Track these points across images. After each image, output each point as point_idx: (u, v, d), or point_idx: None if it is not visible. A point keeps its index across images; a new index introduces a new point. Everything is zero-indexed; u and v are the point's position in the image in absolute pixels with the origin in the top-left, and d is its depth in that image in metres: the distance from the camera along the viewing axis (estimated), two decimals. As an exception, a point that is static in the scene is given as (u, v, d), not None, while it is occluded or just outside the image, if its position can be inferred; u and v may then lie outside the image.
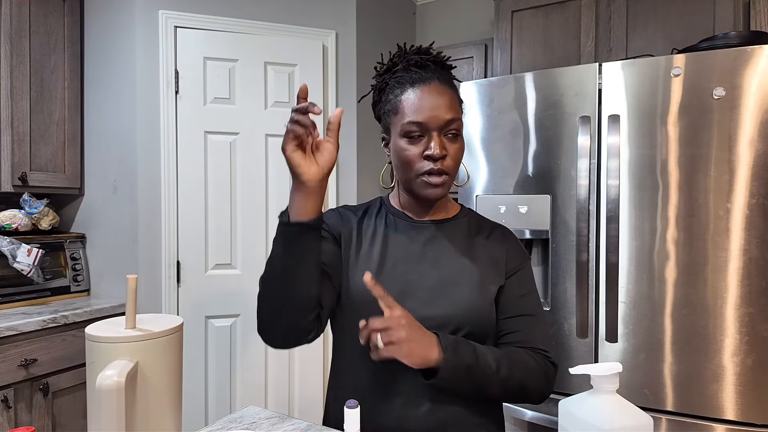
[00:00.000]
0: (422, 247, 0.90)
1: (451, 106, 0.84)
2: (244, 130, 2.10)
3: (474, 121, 1.67)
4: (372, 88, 0.95)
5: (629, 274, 1.43)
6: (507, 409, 1.58)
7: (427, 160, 0.83)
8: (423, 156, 0.83)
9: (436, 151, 0.82)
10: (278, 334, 0.81)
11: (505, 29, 2.13)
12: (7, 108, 1.93)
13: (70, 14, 2.14)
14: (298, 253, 0.76)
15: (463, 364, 0.78)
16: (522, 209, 1.58)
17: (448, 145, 0.84)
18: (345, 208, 0.98)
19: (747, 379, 1.29)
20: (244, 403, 2.10)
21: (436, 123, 0.83)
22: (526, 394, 0.84)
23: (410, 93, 0.85)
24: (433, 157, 0.82)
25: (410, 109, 0.83)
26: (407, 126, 0.83)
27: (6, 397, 1.64)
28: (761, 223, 1.28)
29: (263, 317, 0.81)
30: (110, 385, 0.64)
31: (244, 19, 2.11)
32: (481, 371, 0.79)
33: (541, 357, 0.87)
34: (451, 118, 0.83)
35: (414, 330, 0.75)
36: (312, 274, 0.78)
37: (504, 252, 0.92)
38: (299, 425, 0.88)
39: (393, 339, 0.72)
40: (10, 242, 1.90)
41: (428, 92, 0.84)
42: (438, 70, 0.88)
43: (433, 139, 0.83)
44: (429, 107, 0.83)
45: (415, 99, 0.84)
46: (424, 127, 0.83)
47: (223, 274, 2.08)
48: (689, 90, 1.36)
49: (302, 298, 0.78)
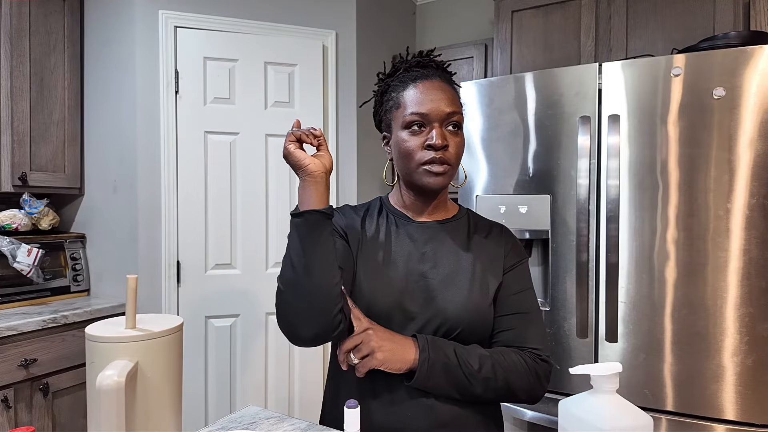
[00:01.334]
0: (422, 247, 0.90)
1: (452, 101, 0.86)
2: (244, 130, 2.10)
3: (474, 121, 1.67)
4: (374, 94, 0.97)
5: (629, 274, 1.43)
6: (507, 409, 1.58)
7: (428, 150, 0.85)
8: (425, 146, 0.85)
9: (438, 141, 0.83)
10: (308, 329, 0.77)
11: (505, 29, 2.13)
12: (7, 108, 1.93)
13: (70, 14, 2.14)
14: (317, 241, 0.76)
15: (441, 362, 0.79)
16: (522, 209, 1.58)
17: (449, 137, 0.86)
18: (347, 207, 0.99)
19: (747, 379, 1.29)
20: (244, 403, 2.10)
21: (438, 114, 0.85)
22: (513, 394, 0.83)
23: (412, 88, 0.87)
24: (434, 146, 0.84)
25: (412, 102, 0.86)
26: (409, 117, 0.85)
27: (6, 397, 1.64)
28: (761, 223, 1.28)
29: (289, 316, 0.78)
30: (110, 385, 0.64)
31: (244, 19, 2.11)
32: (462, 370, 0.79)
33: (530, 356, 0.85)
34: (452, 110, 0.85)
35: (384, 337, 0.78)
36: (332, 262, 0.77)
37: (502, 250, 0.92)
38: (299, 425, 0.88)
39: (365, 352, 0.77)
40: (10, 242, 1.90)
41: (430, 86, 0.86)
42: (439, 71, 0.91)
43: (434, 129, 0.84)
44: (431, 99, 0.85)
45: (417, 93, 0.86)
46: (426, 118, 0.85)
47: (223, 274, 2.08)
48: (689, 90, 1.36)
49: (327, 286, 0.76)
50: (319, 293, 0.76)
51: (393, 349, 0.77)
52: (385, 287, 0.86)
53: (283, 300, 0.78)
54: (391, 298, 0.85)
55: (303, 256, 0.76)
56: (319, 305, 0.76)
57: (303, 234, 0.76)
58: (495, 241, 0.93)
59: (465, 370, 0.80)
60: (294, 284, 0.76)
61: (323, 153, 0.80)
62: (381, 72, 0.97)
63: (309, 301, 0.76)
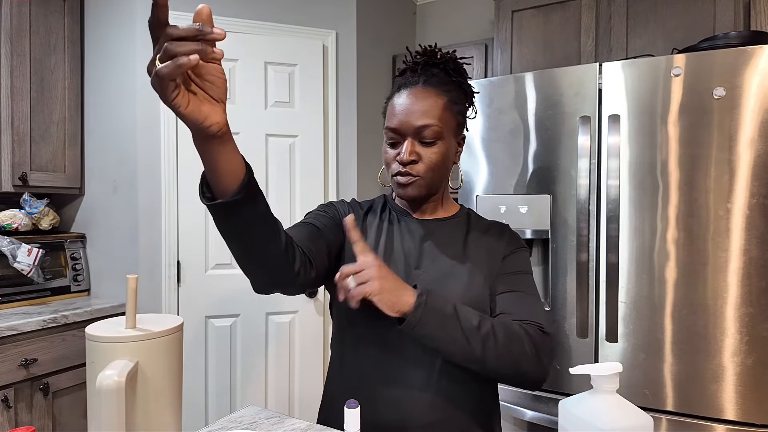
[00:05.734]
0: (421, 243, 0.91)
1: (426, 112, 0.84)
2: (244, 129, 2.10)
3: (474, 121, 1.67)
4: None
5: (629, 274, 1.43)
6: (507, 409, 1.58)
7: (398, 164, 0.87)
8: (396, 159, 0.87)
9: (404, 157, 0.85)
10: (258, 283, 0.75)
11: (505, 29, 2.13)
12: (7, 108, 1.93)
13: (71, 14, 2.14)
14: (242, 230, 0.66)
15: (438, 310, 0.75)
16: (522, 209, 1.58)
17: (421, 150, 0.86)
18: (354, 202, 1.01)
19: (747, 379, 1.29)
20: (244, 403, 2.10)
21: (408, 129, 0.85)
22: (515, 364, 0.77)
23: (395, 98, 0.88)
24: (401, 162, 0.85)
25: (390, 115, 0.87)
26: (386, 131, 0.88)
27: (6, 397, 1.64)
28: (761, 223, 1.28)
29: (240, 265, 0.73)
30: (110, 385, 0.64)
31: (244, 19, 2.11)
32: (460, 324, 0.75)
33: (532, 327, 0.81)
34: (423, 124, 0.84)
35: (387, 273, 0.74)
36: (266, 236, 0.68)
37: (501, 243, 0.93)
38: (299, 425, 0.88)
39: (364, 278, 0.71)
40: (11, 242, 1.91)
41: (407, 98, 0.86)
42: (428, 73, 0.87)
43: (405, 143, 0.85)
44: (403, 113, 0.85)
45: (396, 105, 0.87)
46: (398, 133, 0.86)
47: (223, 274, 2.08)
48: (689, 90, 1.36)
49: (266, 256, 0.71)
50: (264, 265, 0.71)
51: (393, 285, 0.73)
52: None
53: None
54: None
55: (231, 241, 0.68)
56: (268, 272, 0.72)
57: (224, 225, 0.66)
58: (494, 236, 0.94)
59: (463, 324, 0.75)
60: (231, 248, 0.70)
61: (214, 68, 0.55)
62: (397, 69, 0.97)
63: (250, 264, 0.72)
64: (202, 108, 0.55)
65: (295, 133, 2.16)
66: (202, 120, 0.56)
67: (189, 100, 0.54)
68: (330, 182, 2.23)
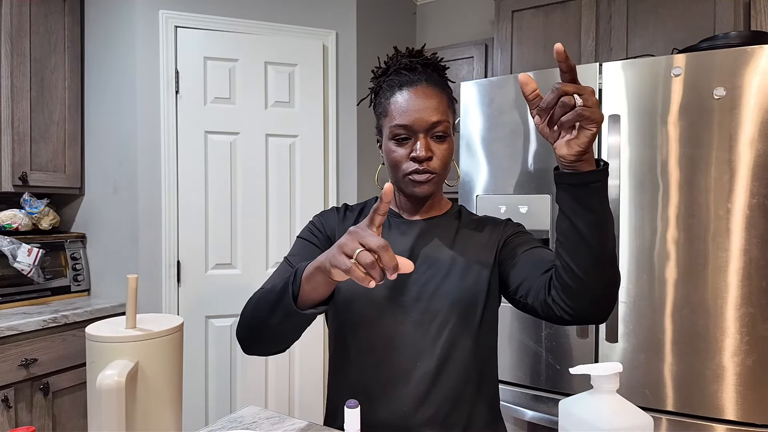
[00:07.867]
0: (413, 244, 0.91)
1: (437, 108, 0.85)
2: (245, 129, 2.10)
3: (474, 121, 1.67)
4: (370, 91, 0.97)
5: (629, 274, 1.43)
6: (507, 409, 1.58)
7: (413, 162, 0.85)
8: (409, 157, 0.85)
9: (421, 153, 0.83)
10: (256, 351, 0.82)
11: (505, 29, 2.13)
12: (7, 108, 1.93)
13: (71, 14, 2.14)
14: (297, 324, 0.75)
15: (606, 186, 0.69)
16: (522, 209, 1.58)
17: (434, 147, 0.86)
18: (345, 207, 1.01)
19: (747, 379, 1.29)
20: (244, 403, 2.10)
21: (422, 125, 0.84)
22: (615, 266, 0.72)
23: (398, 96, 0.86)
24: (418, 158, 0.84)
25: (397, 112, 0.85)
26: (395, 129, 0.86)
27: (6, 397, 1.64)
28: (761, 223, 1.28)
29: (243, 333, 0.81)
30: (110, 385, 0.64)
31: (244, 19, 2.11)
32: (609, 208, 0.70)
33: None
34: (437, 120, 0.84)
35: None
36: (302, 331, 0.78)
37: (496, 233, 0.93)
38: (299, 425, 0.88)
39: (591, 103, 0.61)
40: (11, 242, 1.91)
41: (414, 95, 0.85)
42: (427, 72, 0.89)
43: (419, 140, 0.84)
44: (415, 110, 0.84)
45: (402, 102, 0.85)
46: (410, 130, 0.85)
47: (223, 274, 2.08)
48: (689, 90, 1.36)
49: (286, 342, 0.79)
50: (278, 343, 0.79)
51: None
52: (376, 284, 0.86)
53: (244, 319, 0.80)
54: (384, 292, 0.86)
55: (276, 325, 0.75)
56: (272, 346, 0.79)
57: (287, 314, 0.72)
58: (487, 229, 0.94)
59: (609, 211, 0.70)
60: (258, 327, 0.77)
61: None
62: (376, 67, 0.95)
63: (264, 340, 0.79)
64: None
65: (295, 133, 2.16)
66: (362, 280, 0.61)
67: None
68: (330, 182, 2.23)
